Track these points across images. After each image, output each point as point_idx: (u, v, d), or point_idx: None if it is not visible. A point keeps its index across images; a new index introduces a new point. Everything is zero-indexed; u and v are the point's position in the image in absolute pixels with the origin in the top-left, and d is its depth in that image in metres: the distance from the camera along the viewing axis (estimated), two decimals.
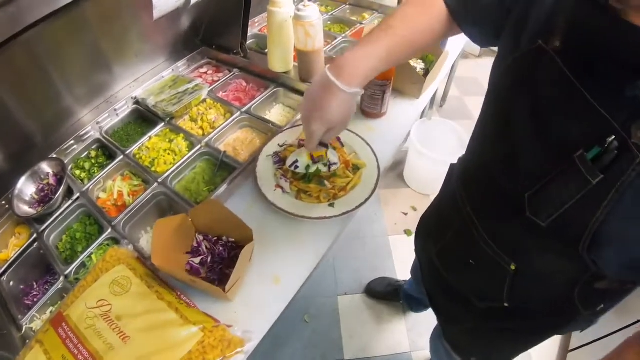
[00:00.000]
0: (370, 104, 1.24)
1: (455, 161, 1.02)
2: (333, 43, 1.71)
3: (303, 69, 1.39)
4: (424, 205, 2.55)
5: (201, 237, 0.94)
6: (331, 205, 1.00)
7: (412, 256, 2.20)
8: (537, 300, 0.76)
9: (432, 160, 2.22)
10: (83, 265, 1.03)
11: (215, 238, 0.95)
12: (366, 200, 0.99)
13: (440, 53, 1.35)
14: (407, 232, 2.35)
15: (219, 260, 0.92)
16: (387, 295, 2.02)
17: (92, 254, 1.05)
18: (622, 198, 0.47)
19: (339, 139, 1.15)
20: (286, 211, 0.98)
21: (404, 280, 2.04)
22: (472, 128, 0.82)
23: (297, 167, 1.02)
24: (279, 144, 1.17)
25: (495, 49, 0.69)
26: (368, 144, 1.14)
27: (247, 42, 1.65)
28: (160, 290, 0.81)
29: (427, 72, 1.36)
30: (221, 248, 0.92)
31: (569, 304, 0.70)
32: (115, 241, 1.07)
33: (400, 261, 2.24)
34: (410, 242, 2.28)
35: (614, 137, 0.47)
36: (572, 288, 0.67)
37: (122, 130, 1.43)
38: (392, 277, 2.11)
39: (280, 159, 1.11)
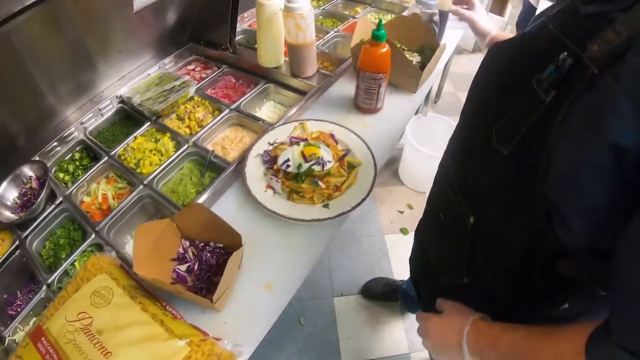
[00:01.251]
0: (366, 99, 1.19)
1: None
2: (325, 37, 1.67)
3: (294, 64, 1.34)
4: (420, 203, 2.54)
5: (187, 243, 0.88)
6: (325, 206, 0.95)
7: (409, 255, 2.20)
8: (494, 273, 0.70)
9: (428, 156, 2.18)
10: (66, 273, 0.98)
11: (202, 244, 0.89)
12: (362, 200, 0.94)
13: (437, 46, 1.31)
14: (404, 231, 2.31)
15: (207, 267, 0.86)
16: (384, 295, 1.98)
17: (75, 261, 0.99)
18: (569, 115, 0.47)
19: (332, 136, 1.10)
20: (277, 213, 0.93)
21: (401, 280, 2.01)
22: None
23: (288, 166, 0.97)
24: (269, 142, 1.12)
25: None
26: (364, 141, 1.10)
27: (237, 38, 1.60)
28: (144, 301, 0.76)
29: (423, 65, 1.32)
30: (209, 254, 0.87)
31: (529, 288, 0.65)
32: (99, 247, 1.01)
33: (397, 260, 2.19)
34: (407, 241, 2.26)
35: (566, 53, 0.49)
36: (531, 262, 0.62)
37: (107, 131, 1.38)
38: (388, 277, 2.07)
39: (270, 158, 1.06)
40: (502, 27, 3.75)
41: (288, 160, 0.99)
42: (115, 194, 1.18)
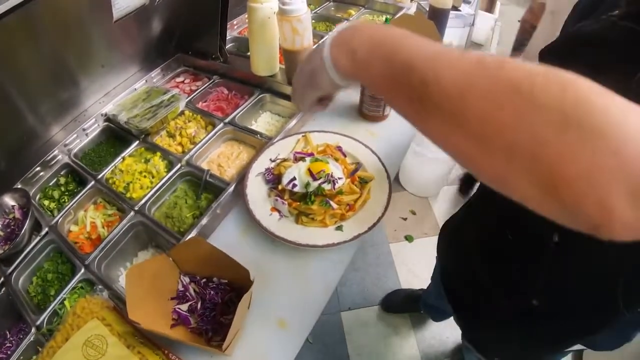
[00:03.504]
0: (372, 106, 1.11)
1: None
2: (320, 42, 1.58)
3: (292, 70, 1.25)
4: (423, 209, 2.48)
5: (187, 280, 0.79)
6: (339, 228, 0.86)
7: (416, 262, 2.13)
8: (572, 293, 0.65)
9: (430, 160, 2.11)
10: (56, 313, 0.89)
11: (205, 280, 0.80)
12: (379, 219, 0.86)
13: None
14: (408, 238, 2.24)
15: (211, 306, 0.77)
16: (405, 307, 1.92)
17: (64, 299, 0.90)
18: None
19: (340, 149, 1.02)
20: (286, 240, 0.84)
21: (420, 289, 1.93)
22: None
23: (295, 185, 0.89)
24: (270, 159, 1.03)
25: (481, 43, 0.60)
26: (374, 152, 1.01)
27: (227, 47, 1.50)
28: (144, 350, 0.67)
29: None
30: (212, 292, 0.78)
31: (608, 296, 0.61)
32: (89, 283, 0.92)
33: (404, 269, 2.12)
34: (412, 249, 2.18)
35: None
36: (618, 274, 0.57)
37: (93, 152, 1.28)
38: (407, 288, 2.00)
39: (273, 177, 0.97)
40: (492, 25, 3.70)
41: (294, 179, 0.90)
42: (104, 221, 1.08)
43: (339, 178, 0.89)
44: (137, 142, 1.23)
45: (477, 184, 1.04)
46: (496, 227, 0.77)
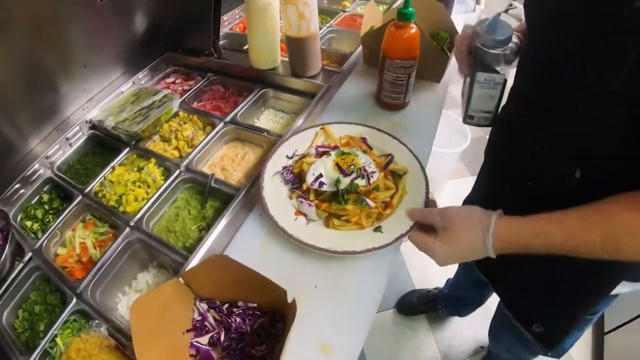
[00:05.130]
0: (392, 93, 0.99)
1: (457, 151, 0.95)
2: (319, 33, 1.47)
3: (297, 61, 1.13)
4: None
5: (205, 306, 0.66)
6: (378, 229, 0.74)
7: (427, 261, 2.01)
8: None
9: (435, 154, 1.99)
10: (47, 353, 0.76)
11: (227, 305, 0.67)
12: None
13: (455, 31, 1.13)
14: None
15: (238, 336, 0.64)
16: (422, 307, 1.83)
17: (56, 335, 0.77)
18: None
19: (365, 141, 0.90)
20: (319, 248, 0.71)
21: (435, 288, 1.84)
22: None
23: (322, 184, 0.77)
24: (287, 156, 0.90)
25: None
26: (403, 143, 0.89)
27: (220, 43, 1.38)
28: None
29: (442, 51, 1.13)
30: (238, 319, 0.64)
31: None
32: (84, 315, 0.79)
33: (416, 269, 2.01)
34: None
35: None
36: None
37: (79, 164, 1.16)
38: (422, 288, 1.90)
39: (294, 176, 0.84)
40: (477, 16, 3.65)
41: (320, 176, 0.77)
42: (96, 241, 0.95)
43: (373, 172, 0.78)
44: (128, 149, 1.10)
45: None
46: (519, 180, 0.78)
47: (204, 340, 0.64)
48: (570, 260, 0.61)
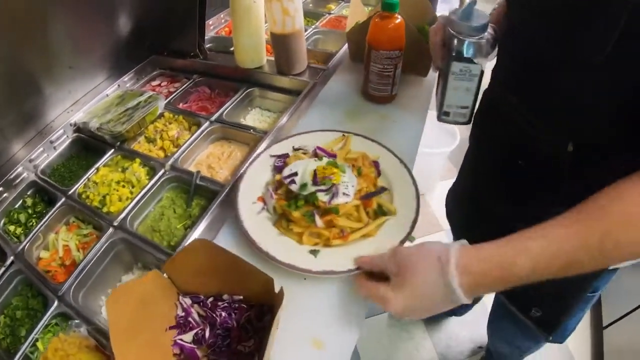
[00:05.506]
0: (379, 85, 0.98)
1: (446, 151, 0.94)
2: (304, 35, 1.47)
3: (282, 58, 1.13)
4: (422, 206, 2.34)
5: (188, 301, 0.63)
6: (313, 252, 0.69)
7: None
8: None
9: (424, 155, 1.99)
10: (27, 358, 0.73)
11: (212, 299, 0.64)
12: (352, 271, 0.67)
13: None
14: (410, 238, 2.10)
15: (224, 332, 0.61)
16: None
17: (36, 340, 0.74)
18: None
19: (376, 165, 0.84)
20: (248, 236, 0.70)
21: None
22: None
23: (293, 182, 0.74)
24: (293, 147, 0.88)
25: None
26: (413, 181, 0.80)
27: (205, 45, 1.37)
28: None
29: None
30: (223, 313, 0.61)
31: None
32: (65, 318, 0.76)
33: None
34: None
35: None
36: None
37: (63, 167, 1.13)
38: None
39: (283, 166, 0.83)
40: None
41: (295, 174, 0.75)
42: (79, 243, 0.93)
43: (345, 194, 0.72)
44: (113, 150, 1.08)
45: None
46: (508, 160, 0.76)
47: (188, 337, 0.61)
48: None
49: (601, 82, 0.54)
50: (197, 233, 0.78)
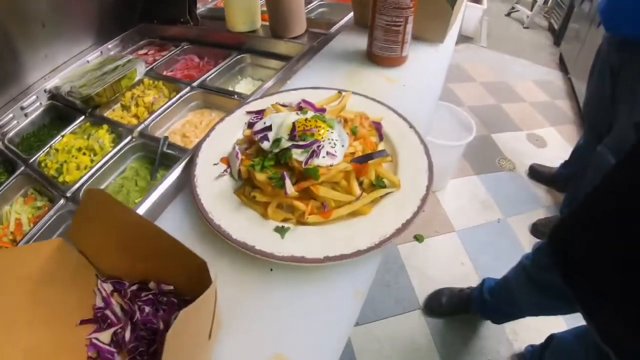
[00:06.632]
0: (386, 43, 0.82)
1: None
2: (309, 6, 1.33)
3: (278, 20, 0.99)
4: (431, 204, 2.21)
5: (109, 288, 0.47)
6: (280, 231, 0.53)
7: (429, 264, 1.86)
8: None
9: (437, 147, 1.83)
10: None
11: (135, 287, 0.47)
12: (340, 257, 0.50)
13: None
14: (418, 238, 1.92)
15: (149, 335, 0.44)
16: (451, 308, 1.64)
17: None
18: None
19: (379, 128, 0.68)
20: (199, 204, 0.55)
21: (469, 288, 1.65)
22: (466, 113, 0.82)
23: (265, 138, 0.58)
24: (280, 103, 0.72)
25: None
26: (425, 148, 0.65)
27: (200, 15, 1.25)
28: None
29: None
30: (147, 308, 0.45)
31: None
32: None
33: (418, 273, 1.83)
34: (424, 249, 1.91)
35: None
36: None
37: (34, 136, 1.02)
38: (452, 287, 1.71)
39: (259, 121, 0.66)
40: (480, 17, 3.54)
41: (269, 128, 0.59)
42: (32, 217, 0.81)
43: (330, 154, 0.56)
44: (83, 117, 0.96)
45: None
46: None
47: (106, 337, 0.45)
48: None
49: None
50: (146, 206, 0.63)
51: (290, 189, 0.52)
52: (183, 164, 0.67)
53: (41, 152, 0.89)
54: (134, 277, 0.48)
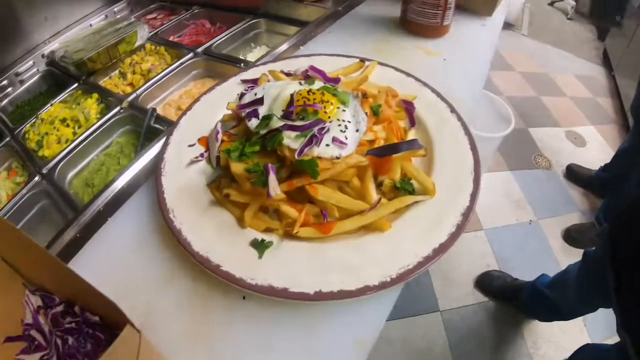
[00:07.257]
0: (425, 8, 0.67)
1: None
2: None
3: None
4: None
5: (37, 302, 0.36)
6: (258, 245, 0.40)
7: (451, 265, 1.72)
8: None
9: (480, 139, 1.67)
10: None
11: (61, 307, 0.36)
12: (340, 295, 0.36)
13: None
14: None
15: None
16: (499, 294, 1.56)
17: None
18: None
19: (409, 108, 0.52)
20: (161, 201, 0.42)
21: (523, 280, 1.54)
22: (504, 103, 0.69)
23: (253, 114, 0.44)
24: (283, 71, 0.58)
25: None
26: (470, 140, 0.49)
27: None
28: None
29: None
30: (71, 339, 0.34)
31: None
32: None
33: (440, 274, 1.68)
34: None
35: None
36: None
37: (28, 105, 0.94)
38: (503, 273, 1.61)
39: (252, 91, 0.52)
40: (522, 4, 3.32)
41: (260, 101, 0.45)
42: (11, 193, 0.71)
43: (338, 140, 0.41)
44: (76, 84, 0.86)
45: None
46: None
47: None
48: None
49: None
50: (110, 192, 0.51)
51: (275, 188, 0.38)
52: (160, 142, 0.54)
53: (27, 122, 0.79)
54: (62, 293, 0.36)
